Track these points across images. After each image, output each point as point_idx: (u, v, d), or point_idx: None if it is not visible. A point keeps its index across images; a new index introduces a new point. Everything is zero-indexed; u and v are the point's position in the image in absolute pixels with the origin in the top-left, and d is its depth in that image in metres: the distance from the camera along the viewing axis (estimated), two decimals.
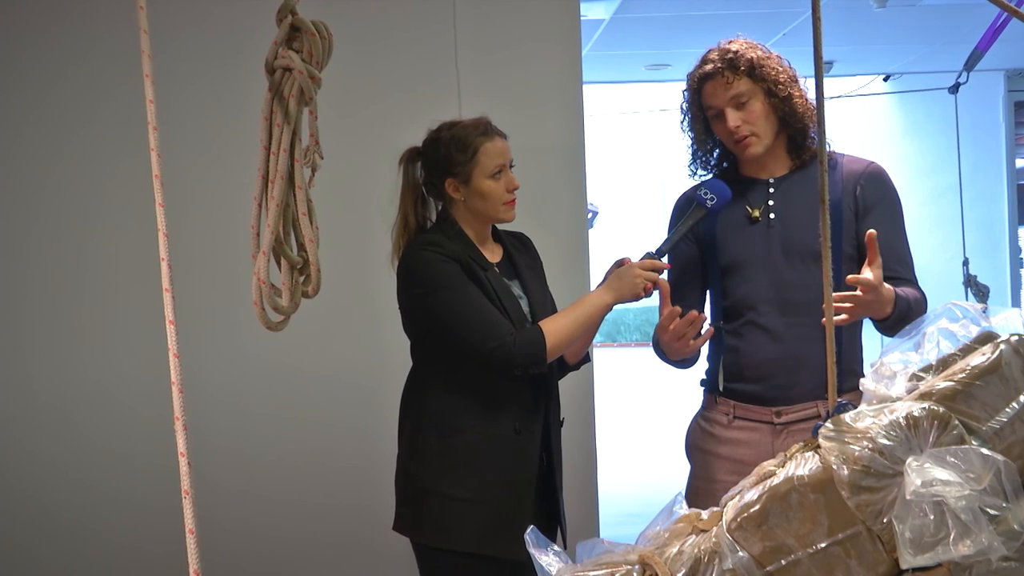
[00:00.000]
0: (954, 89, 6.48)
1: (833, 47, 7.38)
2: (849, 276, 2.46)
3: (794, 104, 2.69)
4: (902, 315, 2.53)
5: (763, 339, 2.72)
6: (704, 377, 2.87)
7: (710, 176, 2.85)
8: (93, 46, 3.77)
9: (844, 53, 7.77)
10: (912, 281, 2.69)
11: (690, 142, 2.86)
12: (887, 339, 2.40)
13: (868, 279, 2.44)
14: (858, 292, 2.45)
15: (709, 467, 2.79)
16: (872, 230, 2.48)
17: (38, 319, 3.82)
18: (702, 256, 2.83)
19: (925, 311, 2.54)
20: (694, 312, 2.62)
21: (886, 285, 2.50)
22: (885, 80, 9.12)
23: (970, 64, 6.13)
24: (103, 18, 3.74)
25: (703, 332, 2.66)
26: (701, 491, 2.73)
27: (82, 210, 3.82)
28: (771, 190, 2.75)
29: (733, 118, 2.69)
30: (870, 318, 2.58)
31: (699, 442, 2.84)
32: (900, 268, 2.66)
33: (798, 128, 2.72)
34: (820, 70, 1.95)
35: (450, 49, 3.90)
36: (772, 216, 2.73)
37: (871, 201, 2.72)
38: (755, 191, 2.77)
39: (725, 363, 2.78)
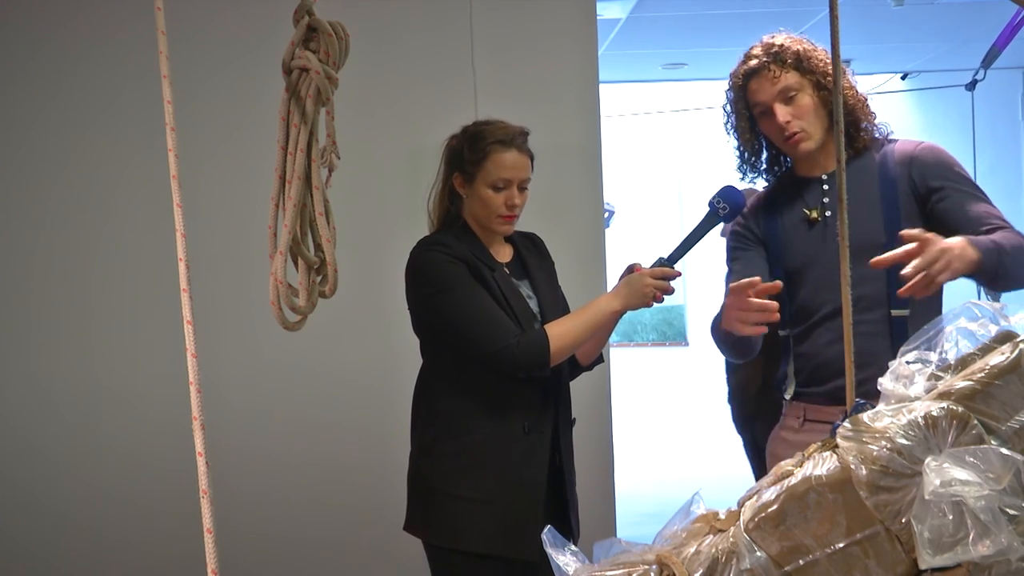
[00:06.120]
0: (971, 86, 6.46)
1: (850, 45, 7.36)
2: (902, 231, 2.27)
3: (845, 96, 2.59)
4: (995, 258, 2.34)
5: (829, 339, 2.63)
6: (775, 385, 2.83)
7: (760, 178, 2.81)
8: (107, 43, 3.78)
9: (861, 51, 7.76)
10: (1004, 227, 2.49)
11: (736, 143, 2.79)
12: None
13: (914, 232, 2.24)
14: (909, 248, 2.24)
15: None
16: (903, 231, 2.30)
17: (53, 320, 3.82)
18: (768, 262, 2.74)
19: None
20: (771, 285, 2.43)
21: (951, 239, 2.28)
22: (902, 78, 9.11)
23: (988, 61, 6.11)
24: (116, 15, 3.75)
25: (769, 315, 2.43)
26: None
27: (95, 210, 3.82)
28: (825, 187, 2.68)
29: (782, 113, 2.62)
30: (964, 275, 2.35)
31: (773, 448, 2.80)
32: (986, 227, 2.48)
33: (849, 120, 2.63)
34: (838, 68, 1.95)
35: (466, 49, 3.90)
36: (828, 214, 2.65)
37: (932, 181, 2.59)
38: (811, 190, 2.71)
39: (795, 369, 2.73)
